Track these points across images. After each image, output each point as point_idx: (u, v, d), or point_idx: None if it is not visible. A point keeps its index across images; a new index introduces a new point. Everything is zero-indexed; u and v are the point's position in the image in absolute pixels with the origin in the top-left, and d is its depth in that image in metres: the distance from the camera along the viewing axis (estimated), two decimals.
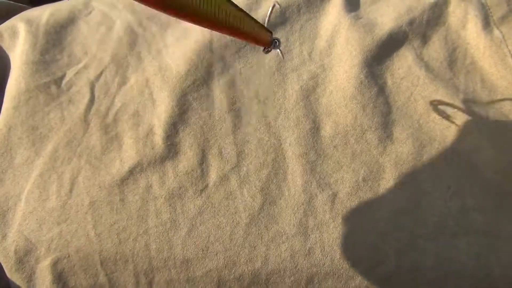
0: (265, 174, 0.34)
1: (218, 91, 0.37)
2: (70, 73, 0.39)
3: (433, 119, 0.35)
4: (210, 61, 0.38)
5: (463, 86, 0.36)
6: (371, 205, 0.32)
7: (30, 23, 0.41)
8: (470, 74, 0.37)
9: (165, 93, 0.37)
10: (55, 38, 0.40)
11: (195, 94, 0.37)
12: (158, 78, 0.37)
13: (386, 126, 0.35)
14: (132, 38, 0.40)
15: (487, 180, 0.33)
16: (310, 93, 0.37)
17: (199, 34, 0.39)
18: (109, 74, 0.39)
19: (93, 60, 0.39)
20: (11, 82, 0.39)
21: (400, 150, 0.34)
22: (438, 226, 0.31)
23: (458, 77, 0.37)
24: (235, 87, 0.37)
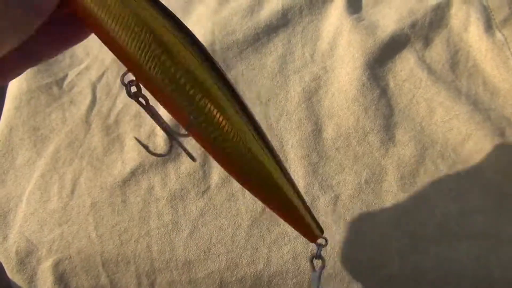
0: None
1: None
2: (72, 74, 0.39)
3: (435, 122, 0.35)
4: None
5: (465, 89, 0.36)
6: (373, 207, 0.32)
7: None
8: (472, 76, 0.37)
9: None
10: None
11: None
12: None
13: (388, 129, 0.35)
14: None
15: (488, 181, 0.33)
16: (312, 95, 0.37)
17: (201, 36, 0.39)
18: (110, 75, 0.39)
19: (94, 61, 0.39)
20: (13, 82, 0.39)
21: (402, 153, 0.34)
22: (439, 227, 0.31)
23: (460, 79, 0.37)
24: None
